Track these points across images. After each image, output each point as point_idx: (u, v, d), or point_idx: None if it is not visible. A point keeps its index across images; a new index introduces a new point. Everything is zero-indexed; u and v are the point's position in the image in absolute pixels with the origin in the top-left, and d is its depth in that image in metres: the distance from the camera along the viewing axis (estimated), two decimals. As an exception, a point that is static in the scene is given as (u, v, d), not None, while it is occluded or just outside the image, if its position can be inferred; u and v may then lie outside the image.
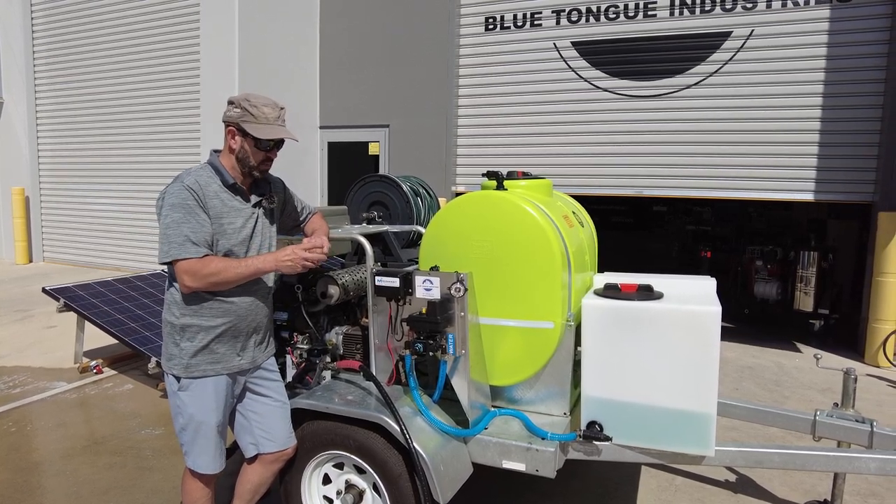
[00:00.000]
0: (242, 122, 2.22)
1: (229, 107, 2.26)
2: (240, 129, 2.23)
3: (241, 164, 2.28)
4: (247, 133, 2.22)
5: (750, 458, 2.42)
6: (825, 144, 6.32)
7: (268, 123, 2.24)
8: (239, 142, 2.25)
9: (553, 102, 7.48)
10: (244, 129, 2.22)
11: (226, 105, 2.30)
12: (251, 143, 2.24)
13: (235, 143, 2.26)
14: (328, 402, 2.47)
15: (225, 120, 2.27)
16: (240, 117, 2.22)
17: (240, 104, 2.23)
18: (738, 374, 5.34)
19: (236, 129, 2.24)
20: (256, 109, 2.22)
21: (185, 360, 2.24)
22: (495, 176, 2.67)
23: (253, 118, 2.22)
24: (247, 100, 2.23)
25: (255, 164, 2.28)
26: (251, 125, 2.22)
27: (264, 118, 2.23)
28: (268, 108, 2.24)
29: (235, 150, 2.26)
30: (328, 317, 2.87)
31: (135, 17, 9.02)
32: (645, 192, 7.18)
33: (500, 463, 2.41)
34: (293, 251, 2.24)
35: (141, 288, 5.49)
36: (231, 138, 2.26)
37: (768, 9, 6.45)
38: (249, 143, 2.24)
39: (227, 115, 2.25)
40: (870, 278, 5.92)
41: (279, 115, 2.28)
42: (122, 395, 4.57)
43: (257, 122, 2.22)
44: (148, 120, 9.06)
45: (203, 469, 2.32)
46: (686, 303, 2.31)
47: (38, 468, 3.44)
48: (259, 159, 2.28)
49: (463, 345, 2.36)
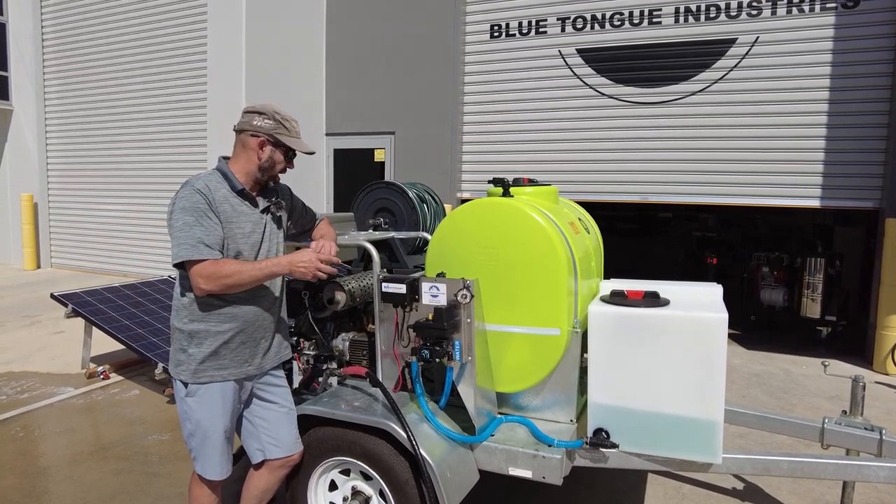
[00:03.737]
0: (277, 134, 2.29)
1: (258, 117, 2.29)
2: (273, 141, 2.29)
3: (263, 172, 2.33)
4: (279, 144, 2.30)
5: (758, 465, 2.41)
6: (831, 151, 6.31)
7: (297, 136, 2.36)
8: (268, 152, 2.30)
9: (558, 109, 7.49)
10: (279, 140, 2.29)
11: (240, 114, 2.34)
12: (282, 154, 2.33)
13: (264, 154, 2.30)
14: (335, 409, 2.48)
15: (254, 131, 2.28)
16: (273, 129, 2.29)
17: (273, 116, 2.30)
18: (746, 381, 5.31)
19: (269, 139, 2.29)
20: (288, 123, 2.33)
21: (193, 366, 2.25)
22: (501, 183, 2.68)
23: (286, 131, 2.32)
24: (277, 112, 2.32)
25: (276, 173, 2.37)
26: (286, 137, 2.31)
27: (294, 131, 2.35)
28: (294, 121, 2.37)
29: (262, 160, 2.30)
30: (335, 323, 2.88)
31: (142, 26, 9.11)
32: (650, 199, 7.18)
33: (507, 470, 2.41)
34: (311, 257, 2.26)
35: (148, 294, 5.52)
36: (260, 148, 2.30)
37: (773, 15, 6.46)
38: (279, 154, 2.33)
39: (257, 125, 2.28)
40: (877, 285, 5.88)
41: (299, 129, 2.40)
42: (128, 400, 4.58)
43: (290, 135, 2.33)
44: (155, 127, 9.13)
45: (210, 475, 2.33)
46: (693, 309, 2.31)
47: (46, 473, 3.46)
48: (281, 169, 2.38)
49: (469, 351, 2.36)
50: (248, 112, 2.32)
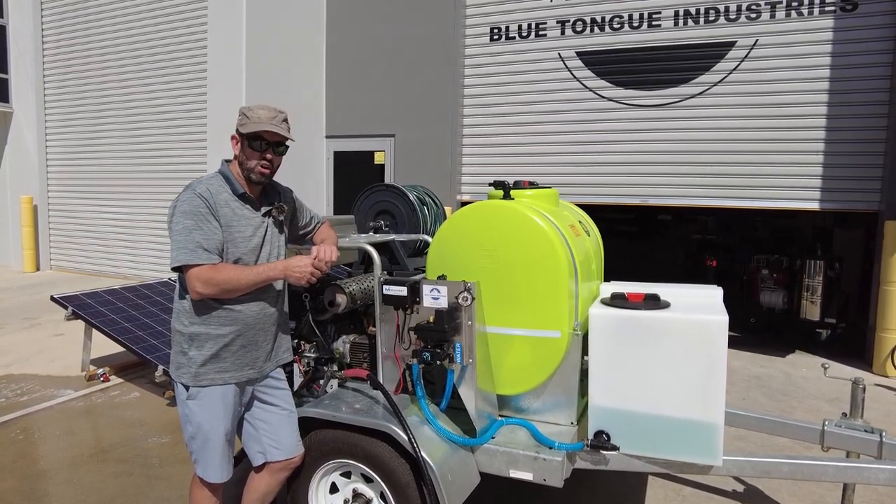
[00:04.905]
0: (239, 127, 2.29)
1: (238, 118, 2.33)
2: (239, 134, 2.30)
3: (247, 171, 2.32)
4: (242, 135, 2.28)
5: (758, 467, 2.41)
6: (830, 153, 6.32)
7: (259, 122, 2.26)
8: (239, 148, 2.31)
9: (558, 112, 7.50)
10: (240, 131, 2.28)
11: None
12: (246, 145, 2.28)
13: (236, 149, 2.33)
14: (336, 411, 2.48)
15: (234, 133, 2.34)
16: (239, 123, 2.30)
17: (241, 112, 2.31)
18: (746, 383, 5.31)
19: (235, 133, 2.31)
20: (251, 112, 2.28)
21: (194, 369, 2.25)
22: (502, 185, 2.68)
23: (247, 119, 2.27)
24: (250, 108, 2.30)
25: (251, 166, 2.29)
26: (245, 126, 2.27)
27: (256, 118, 2.26)
28: (263, 111, 2.28)
29: (239, 158, 2.32)
30: (335, 325, 2.88)
31: (143, 28, 9.12)
32: (650, 201, 7.19)
33: (508, 472, 2.41)
34: (306, 263, 2.27)
35: (148, 296, 5.52)
36: (235, 146, 2.33)
37: (772, 18, 6.47)
38: (245, 146, 2.29)
39: (236, 127, 2.32)
40: (876, 287, 5.89)
41: (274, 117, 2.28)
42: (128, 403, 4.58)
43: (249, 122, 2.27)
44: (156, 129, 9.13)
45: (211, 477, 2.33)
46: (693, 312, 2.31)
47: (45, 476, 3.45)
48: (254, 160, 2.28)
49: (470, 354, 2.36)
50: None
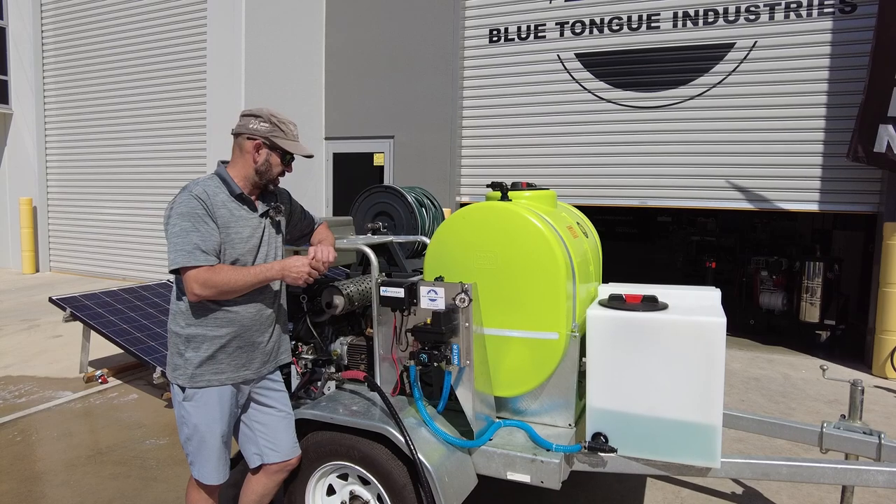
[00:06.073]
0: (273, 137, 2.28)
1: (255, 120, 2.28)
2: (269, 144, 2.28)
3: (261, 176, 2.32)
4: (276, 147, 2.29)
5: (757, 470, 2.41)
6: (830, 155, 6.32)
7: (294, 139, 2.34)
8: (264, 155, 2.29)
9: (557, 114, 7.51)
10: (275, 143, 2.28)
11: (238, 117, 2.34)
12: (278, 157, 2.31)
13: (260, 157, 2.29)
14: (333, 413, 2.47)
15: (250, 134, 2.28)
16: (269, 132, 2.28)
17: (269, 119, 2.29)
18: (745, 385, 5.31)
19: (265, 143, 2.28)
20: (284, 126, 2.31)
21: (190, 371, 2.24)
22: (500, 187, 2.68)
23: (283, 133, 2.30)
24: (273, 115, 2.30)
25: (273, 176, 2.35)
26: (282, 140, 2.29)
27: (291, 134, 2.33)
28: (292, 124, 2.35)
29: (259, 163, 2.30)
30: (333, 327, 2.88)
31: (143, 30, 9.12)
32: (649, 203, 7.18)
33: (505, 474, 2.40)
34: (303, 263, 2.27)
35: (146, 298, 5.51)
36: (256, 151, 2.29)
37: (771, 20, 6.48)
38: (276, 157, 2.31)
39: (253, 128, 2.28)
40: (876, 289, 5.89)
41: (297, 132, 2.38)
42: (126, 404, 4.57)
43: (286, 138, 2.31)
44: (155, 131, 9.14)
45: (207, 479, 2.32)
46: (691, 314, 2.31)
47: (43, 478, 3.45)
48: (279, 172, 2.36)
49: (467, 355, 2.36)
50: (245, 115, 2.31)
